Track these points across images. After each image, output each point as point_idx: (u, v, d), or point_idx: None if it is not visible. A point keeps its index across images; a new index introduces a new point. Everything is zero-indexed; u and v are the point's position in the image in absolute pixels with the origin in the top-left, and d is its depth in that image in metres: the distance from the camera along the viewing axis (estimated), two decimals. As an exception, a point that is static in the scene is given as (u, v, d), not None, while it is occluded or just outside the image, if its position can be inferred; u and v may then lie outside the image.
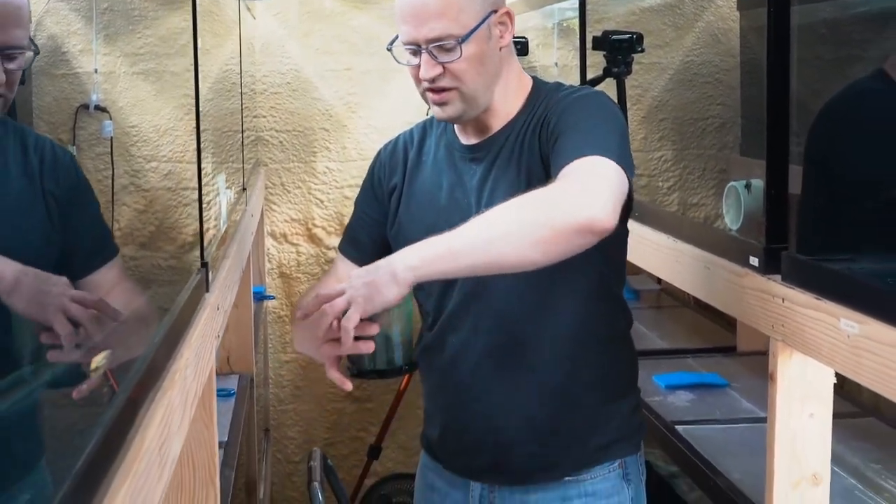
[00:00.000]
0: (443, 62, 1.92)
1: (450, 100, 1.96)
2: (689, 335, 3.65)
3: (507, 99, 2.03)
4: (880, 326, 1.60)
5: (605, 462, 2.07)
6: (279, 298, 4.65)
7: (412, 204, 2.10)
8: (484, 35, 1.93)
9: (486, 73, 1.96)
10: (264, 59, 4.56)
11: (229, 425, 2.73)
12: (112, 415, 1.07)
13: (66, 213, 1.58)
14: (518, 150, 1.99)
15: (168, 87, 3.30)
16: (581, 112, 1.90)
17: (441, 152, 2.10)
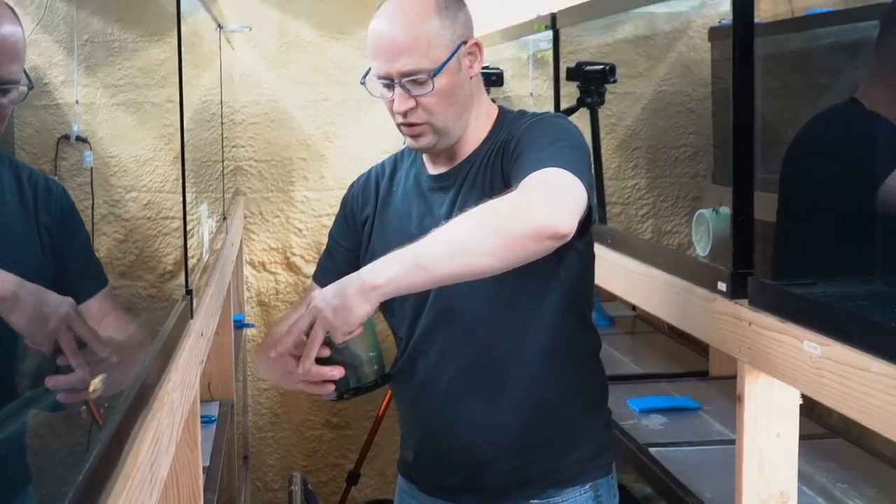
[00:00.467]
0: (415, 95, 1.96)
1: (423, 132, 2.02)
2: (663, 360, 3.71)
3: (476, 127, 2.09)
4: (841, 348, 1.66)
5: (577, 484, 2.11)
6: (258, 327, 4.69)
7: (384, 233, 2.14)
8: (454, 67, 1.98)
9: (457, 105, 2.01)
10: (243, 90, 4.62)
11: (211, 451, 2.78)
12: (108, 432, 1.12)
13: (58, 244, 1.62)
14: (482, 174, 2.05)
15: (148, 117, 3.35)
16: (541, 130, 1.97)
17: (410, 183, 2.15)
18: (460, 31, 2.01)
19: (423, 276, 1.75)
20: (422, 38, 1.95)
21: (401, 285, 1.75)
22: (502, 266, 1.74)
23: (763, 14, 3.20)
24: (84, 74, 3.02)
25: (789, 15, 3.11)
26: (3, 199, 1.57)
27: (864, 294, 1.82)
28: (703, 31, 3.86)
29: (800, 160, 2.14)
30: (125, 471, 1.13)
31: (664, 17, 3.97)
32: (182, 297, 1.94)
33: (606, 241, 2.89)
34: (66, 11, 2.78)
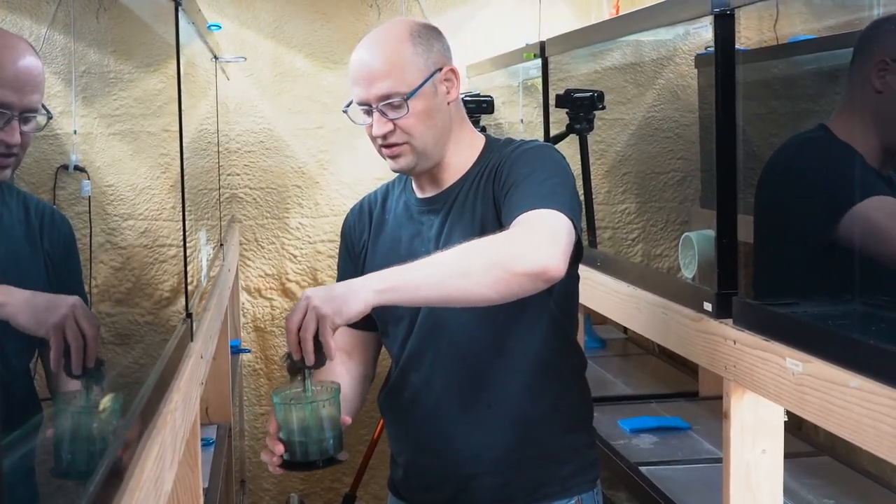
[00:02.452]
0: (392, 118, 2.05)
1: (402, 153, 2.10)
2: (653, 381, 3.76)
3: (459, 153, 2.16)
4: (822, 364, 1.72)
5: (562, 498, 2.16)
6: (254, 352, 4.74)
7: (377, 257, 2.21)
8: (430, 91, 2.07)
9: (434, 127, 2.09)
10: (238, 119, 4.68)
11: (209, 473, 2.82)
12: (116, 448, 1.17)
13: (59, 274, 1.67)
14: (472, 199, 2.12)
15: (144, 146, 3.40)
16: (532, 164, 2.04)
17: (400, 208, 2.23)
18: (435, 59, 2.10)
19: (421, 293, 1.83)
20: (396, 64, 2.05)
21: (398, 295, 1.81)
22: (496, 298, 1.83)
23: (748, 41, 3.28)
24: (81, 105, 3.07)
25: (774, 42, 3.18)
26: (13, 227, 1.62)
27: (843, 313, 1.87)
28: (689, 58, 3.92)
29: (771, 185, 2.20)
30: (131, 485, 1.18)
31: (651, 45, 4.04)
32: (182, 321, 1.99)
33: (596, 264, 2.95)
34: (63, 43, 2.83)
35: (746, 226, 2.17)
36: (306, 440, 1.89)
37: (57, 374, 1.41)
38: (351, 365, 2.28)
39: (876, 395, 1.56)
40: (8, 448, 0.98)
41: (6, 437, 0.92)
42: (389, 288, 1.80)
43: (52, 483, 1.19)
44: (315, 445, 1.90)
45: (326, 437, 1.90)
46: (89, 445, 1.29)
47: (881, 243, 1.91)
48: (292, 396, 1.92)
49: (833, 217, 1.93)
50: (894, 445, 1.52)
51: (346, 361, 2.29)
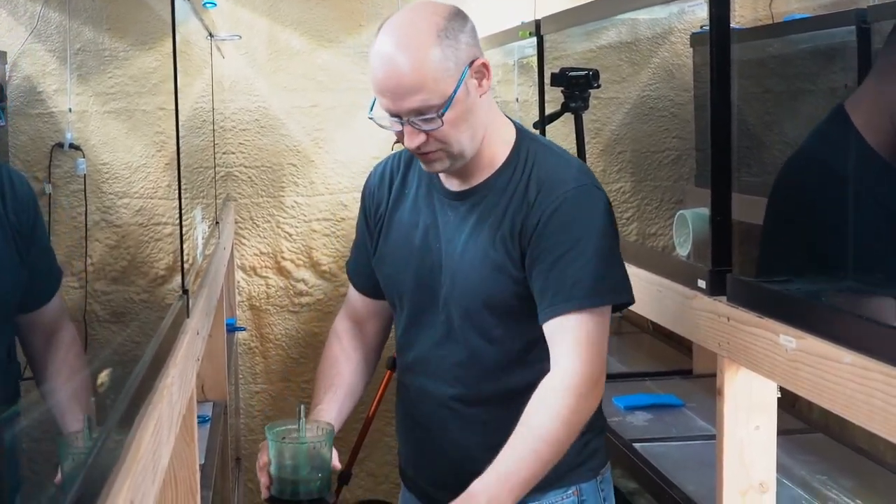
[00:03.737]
0: (426, 130, 1.95)
1: (437, 158, 2.01)
2: (647, 359, 3.78)
3: (491, 147, 2.07)
4: (815, 341, 1.73)
5: (559, 487, 2.13)
6: (250, 330, 4.74)
7: (391, 237, 2.18)
8: (462, 95, 1.94)
9: (470, 129, 1.99)
10: (233, 97, 4.68)
11: (205, 449, 2.83)
12: (114, 420, 1.18)
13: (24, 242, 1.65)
14: (496, 216, 2.05)
15: (139, 125, 3.40)
16: (564, 238, 2.00)
17: (423, 190, 2.15)
18: (464, 55, 1.96)
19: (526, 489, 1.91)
20: (427, 74, 1.91)
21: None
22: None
23: (744, 20, 3.28)
24: (76, 83, 3.07)
25: (769, 20, 3.19)
26: None
27: (836, 290, 1.88)
28: (684, 37, 3.93)
29: (793, 174, 2.19)
30: (130, 457, 1.19)
31: (646, 24, 4.04)
32: (178, 297, 2.00)
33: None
34: (58, 21, 2.83)
35: (740, 204, 2.18)
36: (296, 479, 1.92)
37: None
38: (362, 339, 2.30)
39: (869, 371, 1.57)
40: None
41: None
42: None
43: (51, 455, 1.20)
44: (304, 485, 1.93)
45: (315, 479, 1.93)
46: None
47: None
48: (285, 434, 1.94)
49: (845, 204, 1.93)
50: (886, 420, 1.54)
51: (358, 335, 2.30)
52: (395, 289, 2.20)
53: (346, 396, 2.22)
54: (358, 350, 2.30)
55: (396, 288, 2.19)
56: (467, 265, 2.07)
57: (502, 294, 2.04)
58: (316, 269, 4.73)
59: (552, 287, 1.97)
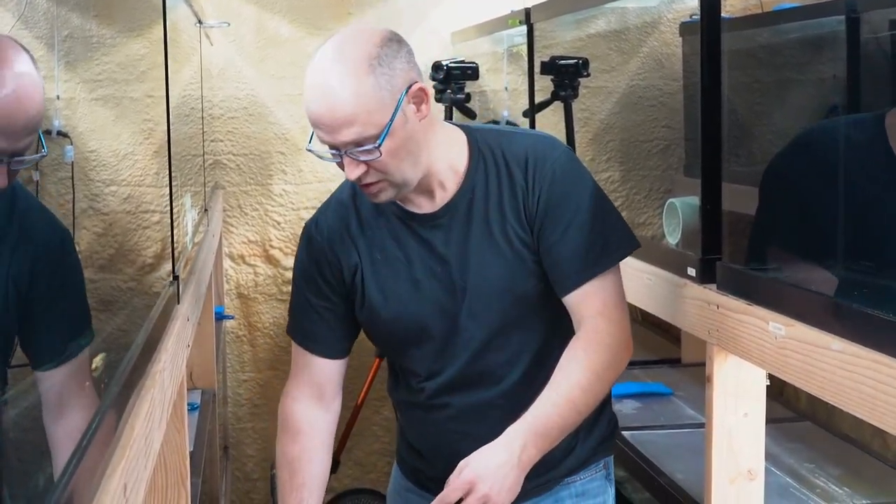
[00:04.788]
0: (364, 160, 1.88)
1: (381, 189, 1.94)
2: (636, 348, 3.74)
3: (449, 160, 2.02)
4: (804, 328, 1.74)
5: (592, 464, 2.17)
6: (238, 319, 4.74)
7: (381, 282, 2.07)
8: (400, 122, 1.88)
9: (411, 156, 1.92)
10: (222, 85, 4.67)
11: (194, 437, 2.83)
12: (105, 406, 1.18)
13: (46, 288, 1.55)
14: (494, 213, 2.01)
15: (127, 112, 3.39)
16: (570, 203, 2.00)
17: (394, 224, 2.07)
18: (400, 81, 1.89)
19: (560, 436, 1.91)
20: (361, 105, 1.84)
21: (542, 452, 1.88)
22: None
23: (733, 9, 3.29)
24: (64, 70, 3.06)
25: (759, 10, 3.19)
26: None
27: (825, 278, 1.89)
28: (674, 27, 3.93)
29: (805, 162, 2.17)
30: (123, 441, 1.19)
31: (636, 13, 4.04)
32: (169, 283, 2.00)
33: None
34: (45, 7, 2.82)
35: (728, 194, 2.18)
36: None
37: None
38: (332, 405, 2.20)
39: (858, 358, 1.58)
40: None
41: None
42: (542, 451, 1.87)
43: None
44: None
45: None
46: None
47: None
48: None
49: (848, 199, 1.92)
50: (874, 407, 1.54)
51: (329, 403, 2.19)
52: (412, 326, 2.08)
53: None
54: (324, 431, 2.19)
55: (415, 324, 2.07)
56: (491, 273, 2.02)
57: (530, 287, 2.03)
58: (304, 257, 4.72)
59: (566, 259, 1.97)
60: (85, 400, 1.52)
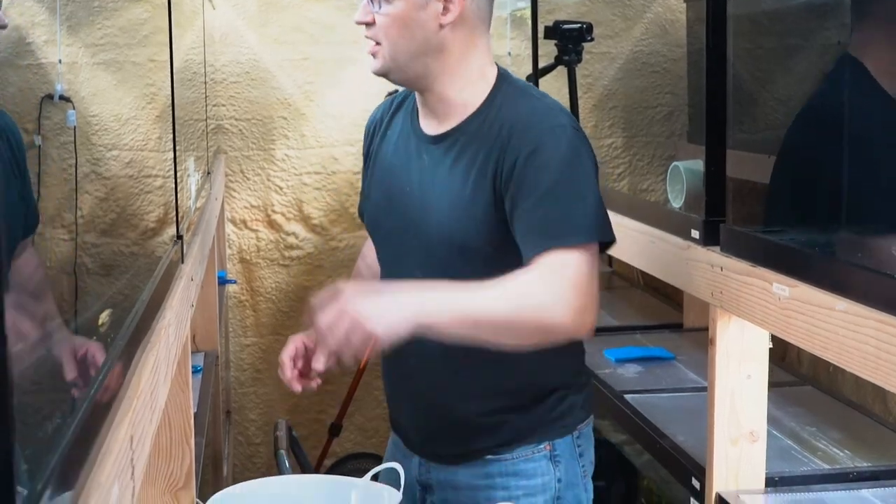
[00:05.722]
0: (374, 11, 2.00)
1: (374, 53, 2.03)
2: (638, 313, 3.79)
3: (463, 90, 2.05)
4: (807, 289, 1.74)
5: (528, 444, 2.12)
6: (240, 283, 4.75)
7: (375, 177, 2.20)
8: (416, 4, 1.97)
9: (410, 40, 1.99)
10: (224, 49, 4.65)
11: (198, 398, 2.84)
12: (112, 359, 1.19)
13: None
14: (470, 158, 2.02)
15: (129, 76, 3.39)
16: (544, 178, 1.94)
17: (405, 132, 2.14)
18: None
19: (453, 333, 1.86)
20: None
21: (431, 328, 1.84)
22: (513, 346, 1.90)
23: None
24: (66, 34, 3.05)
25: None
26: None
27: (829, 240, 1.89)
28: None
29: (808, 126, 2.16)
30: (129, 394, 1.19)
31: (640, -23, 4.02)
32: (173, 242, 2.00)
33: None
34: (48, -30, 2.81)
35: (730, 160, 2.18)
36: None
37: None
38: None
39: (862, 318, 1.58)
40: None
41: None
42: (431, 325, 1.83)
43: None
44: None
45: None
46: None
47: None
48: None
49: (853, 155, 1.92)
50: (878, 367, 1.55)
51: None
52: (374, 230, 2.22)
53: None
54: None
55: (376, 229, 2.21)
56: (444, 210, 2.04)
57: (476, 239, 2.01)
58: (307, 222, 4.73)
59: (536, 227, 1.92)
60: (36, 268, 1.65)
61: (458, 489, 2.16)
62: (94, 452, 1.02)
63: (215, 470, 3.48)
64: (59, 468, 0.88)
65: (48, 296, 1.69)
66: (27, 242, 1.63)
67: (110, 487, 1.00)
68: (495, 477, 2.13)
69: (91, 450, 1.01)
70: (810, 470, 2.27)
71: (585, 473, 2.19)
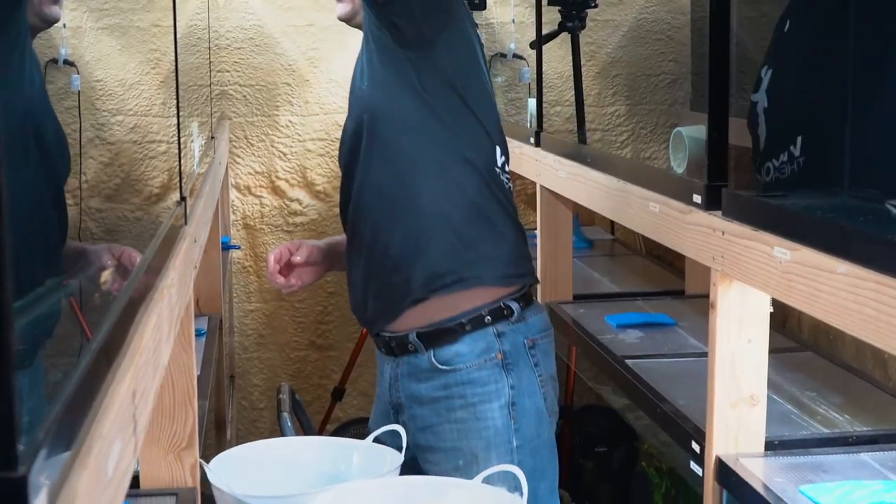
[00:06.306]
0: None
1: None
2: (640, 280, 3.80)
3: None
4: (809, 252, 1.74)
5: (478, 355, 2.30)
6: (244, 249, 4.76)
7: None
8: None
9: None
10: (228, 15, 4.65)
11: (201, 361, 2.85)
12: (114, 316, 1.20)
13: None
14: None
15: (134, 41, 3.38)
16: None
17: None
18: None
19: None
20: None
21: None
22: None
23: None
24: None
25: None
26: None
27: (831, 204, 1.89)
28: (683, -41, 3.90)
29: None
30: (132, 349, 1.20)
31: (645, -57, 4.01)
32: (176, 203, 2.01)
33: (586, 160, 2.97)
34: (52, -67, 2.80)
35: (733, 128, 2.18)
36: None
37: None
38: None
39: (862, 280, 1.59)
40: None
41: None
42: None
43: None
44: None
45: None
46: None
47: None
48: None
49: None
50: (878, 329, 1.56)
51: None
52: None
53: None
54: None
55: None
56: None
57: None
58: (310, 188, 4.73)
59: None
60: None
61: (422, 403, 2.34)
62: (97, 405, 1.03)
63: (219, 433, 3.50)
64: (61, 419, 0.89)
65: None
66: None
67: (112, 441, 1.01)
68: (452, 387, 2.30)
69: (94, 403, 1.02)
70: (809, 434, 2.28)
71: (543, 383, 2.35)
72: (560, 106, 3.81)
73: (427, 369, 2.32)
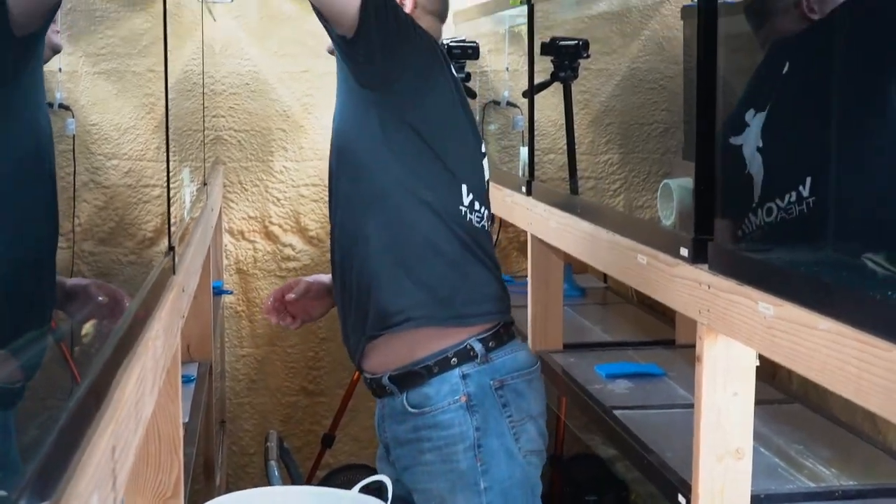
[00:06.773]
0: None
1: None
2: (631, 329, 3.80)
3: None
4: (792, 308, 1.75)
5: (442, 398, 2.32)
6: (236, 294, 4.76)
7: None
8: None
9: None
10: (224, 61, 4.68)
11: (190, 408, 2.85)
12: (96, 370, 1.20)
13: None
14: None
15: (129, 86, 3.40)
16: None
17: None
18: None
19: None
20: None
21: None
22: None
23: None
24: (67, 43, 3.07)
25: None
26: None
27: (814, 259, 1.90)
28: (676, 10, 3.93)
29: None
30: (113, 404, 1.20)
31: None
32: (165, 253, 2.01)
33: (576, 211, 2.99)
34: (49, -20, 2.82)
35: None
36: None
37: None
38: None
39: (843, 338, 1.59)
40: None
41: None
42: None
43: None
44: None
45: None
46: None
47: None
48: None
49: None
50: (859, 388, 1.56)
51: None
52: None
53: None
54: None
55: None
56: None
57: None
58: (303, 234, 4.74)
59: None
60: None
61: (401, 444, 2.39)
62: (75, 462, 1.03)
63: (207, 479, 3.49)
64: (38, 475, 0.89)
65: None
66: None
67: (89, 497, 1.01)
68: (421, 430, 2.34)
69: (72, 459, 1.03)
70: (796, 488, 2.28)
71: (514, 423, 2.35)
72: (554, 153, 3.83)
73: (401, 412, 2.37)
